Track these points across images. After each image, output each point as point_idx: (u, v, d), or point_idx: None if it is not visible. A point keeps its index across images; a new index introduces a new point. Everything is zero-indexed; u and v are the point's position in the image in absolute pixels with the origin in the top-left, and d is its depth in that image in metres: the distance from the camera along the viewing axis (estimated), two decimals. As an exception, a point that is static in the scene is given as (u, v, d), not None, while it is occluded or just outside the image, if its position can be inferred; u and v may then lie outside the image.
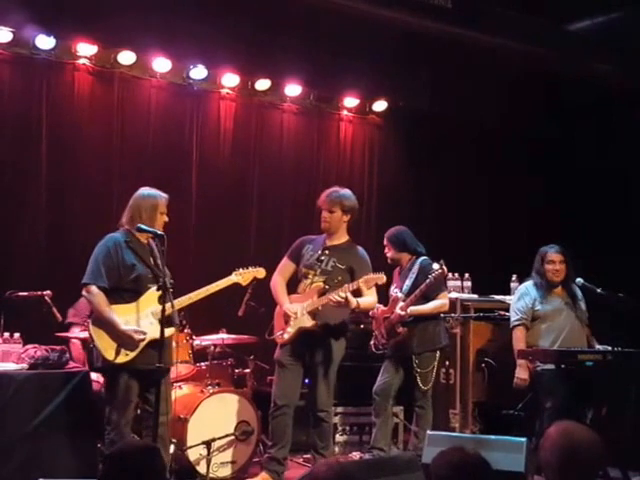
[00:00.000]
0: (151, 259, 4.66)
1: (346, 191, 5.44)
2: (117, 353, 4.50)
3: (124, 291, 4.57)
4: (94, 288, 4.53)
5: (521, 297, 5.77)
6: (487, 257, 7.67)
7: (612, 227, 7.60)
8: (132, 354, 4.50)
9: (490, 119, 7.71)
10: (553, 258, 5.70)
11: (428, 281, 5.53)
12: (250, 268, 5.13)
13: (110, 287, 4.56)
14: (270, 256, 5.86)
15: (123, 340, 4.50)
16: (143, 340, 4.50)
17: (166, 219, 4.74)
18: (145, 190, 4.77)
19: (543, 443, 2.85)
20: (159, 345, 4.34)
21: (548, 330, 5.62)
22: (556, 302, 5.69)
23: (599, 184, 7.81)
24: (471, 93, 7.38)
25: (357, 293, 5.25)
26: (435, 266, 5.59)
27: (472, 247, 7.61)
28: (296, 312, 5.25)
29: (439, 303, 5.72)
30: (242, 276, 5.06)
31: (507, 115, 7.68)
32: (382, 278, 5.30)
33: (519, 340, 5.65)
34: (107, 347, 4.51)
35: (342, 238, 5.46)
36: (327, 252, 5.37)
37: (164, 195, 4.77)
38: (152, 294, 4.57)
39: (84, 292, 4.59)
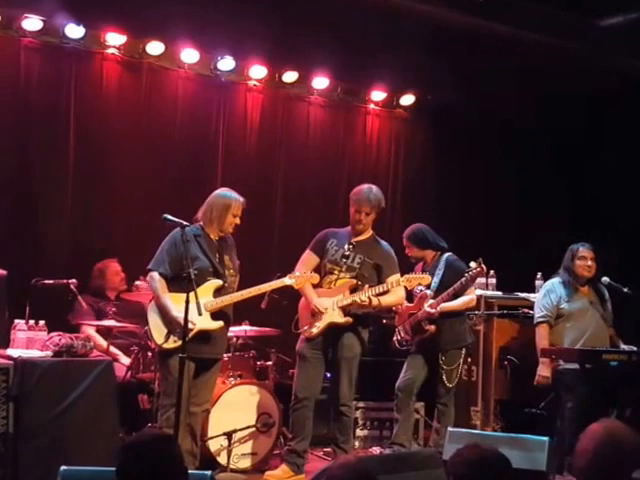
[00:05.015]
0: (217, 254, 4.87)
1: (378, 191, 5.39)
2: (166, 338, 4.75)
3: (184, 280, 4.60)
4: (155, 274, 4.82)
5: (547, 294, 5.71)
6: (512, 254, 7.60)
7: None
8: (180, 342, 4.57)
9: (518, 114, 7.63)
10: (585, 254, 5.64)
11: (464, 279, 5.47)
12: (305, 272, 5.18)
13: (171, 275, 4.79)
14: (294, 248, 5.84)
15: (173, 326, 4.70)
16: (191, 330, 4.57)
17: (238, 221, 4.95)
18: (222, 190, 5.03)
19: (582, 438, 2.76)
20: (207, 335, 4.75)
21: (572, 329, 5.57)
22: (582, 301, 5.63)
23: (629, 182, 7.70)
24: (499, 87, 7.30)
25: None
26: (473, 264, 5.51)
27: (497, 243, 7.54)
28: (326, 308, 5.23)
29: (467, 299, 5.69)
30: (296, 280, 5.07)
31: (536, 110, 7.59)
32: (427, 279, 5.30)
33: (542, 337, 5.61)
34: (159, 331, 4.78)
35: (367, 233, 5.43)
36: (352, 247, 5.34)
37: (240, 198, 4.95)
38: (207, 286, 4.78)
39: (147, 277, 4.88)
